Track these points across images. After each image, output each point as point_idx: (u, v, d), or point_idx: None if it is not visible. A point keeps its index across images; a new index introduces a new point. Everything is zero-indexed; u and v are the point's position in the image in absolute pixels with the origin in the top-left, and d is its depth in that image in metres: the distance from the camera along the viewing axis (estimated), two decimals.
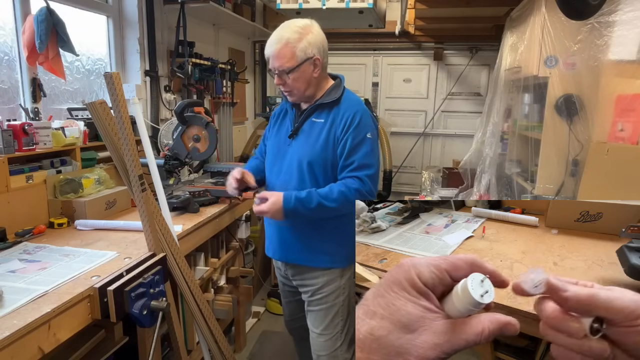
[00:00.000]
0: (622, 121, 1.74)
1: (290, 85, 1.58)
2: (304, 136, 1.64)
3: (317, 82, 1.62)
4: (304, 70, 1.55)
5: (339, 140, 1.58)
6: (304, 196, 1.52)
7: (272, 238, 1.79)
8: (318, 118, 1.63)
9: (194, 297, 1.75)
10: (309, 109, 1.64)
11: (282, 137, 1.71)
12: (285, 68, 1.53)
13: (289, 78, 1.55)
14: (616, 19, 1.72)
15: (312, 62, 1.55)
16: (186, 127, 2.29)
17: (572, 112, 1.94)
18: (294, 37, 1.51)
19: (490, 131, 2.81)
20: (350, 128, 1.56)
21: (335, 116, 1.60)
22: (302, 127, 1.65)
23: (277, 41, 1.53)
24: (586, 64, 1.86)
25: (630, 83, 1.73)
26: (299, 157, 1.62)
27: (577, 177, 1.92)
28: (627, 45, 1.73)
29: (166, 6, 2.63)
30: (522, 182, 2.33)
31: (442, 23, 3.54)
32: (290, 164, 1.65)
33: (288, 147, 1.68)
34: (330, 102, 1.61)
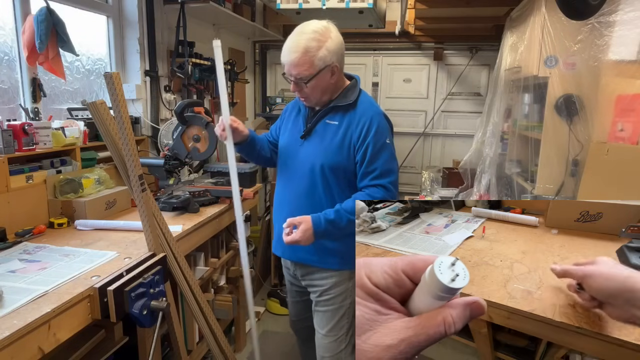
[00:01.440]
0: (622, 121, 1.74)
1: (307, 93, 1.55)
2: (317, 137, 1.61)
3: (334, 87, 1.59)
4: (322, 78, 1.52)
5: (356, 147, 1.55)
6: (334, 217, 1.50)
7: (281, 238, 1.75)
8: (332, 120, 1.60)
9: (194, 297, 1.75)
10: (323, 110, 1.61)
11: (294, 136, 1.68)
12: (303, 77, 1.50)
13: (306, 86, 1.52)
14: (616, 19, 1.72)
15: (330, 69, 1.52)
16: (186, 127, 2.29)
17: (572, 112, 1.94)
18: (312, 45, 1.46)
19: (490, 131, 2.81)
20: (369, 134, 1.52)
21: (351, 120, 1.56)
22: (315, 128, 1.62)
23: (294, 49, 1.47)
24: (586, 64, 1.86)
25: (630, 83, 1.73)
26: (311, 160, 1.60)
27: (577, 177, 1.92)
28: (628, 45, 1.73)
29: (166, 6, 2.63)
30: (522, 182, 2.33)
31: (442, 23, 3.54)
32: (302, 165, 1.63)
33: (300, 147, 1.65)
34: (346, 105, 1.58)
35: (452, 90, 3.92)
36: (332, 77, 1.54)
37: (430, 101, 3.99)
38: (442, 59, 3.89)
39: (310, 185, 1.61)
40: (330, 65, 1.51)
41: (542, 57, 2.04)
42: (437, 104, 3.97)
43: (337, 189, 1.60)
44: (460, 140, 3.96)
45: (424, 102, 4.01)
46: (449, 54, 3.89)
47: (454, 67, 3.90)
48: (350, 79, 1.67)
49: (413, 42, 3.87)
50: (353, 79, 1.66)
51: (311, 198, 1.62)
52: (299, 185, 1.64)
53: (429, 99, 4.00)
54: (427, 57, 3.92)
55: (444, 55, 3.89)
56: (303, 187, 1.63)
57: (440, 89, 3.95)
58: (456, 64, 3.89)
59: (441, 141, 4.05)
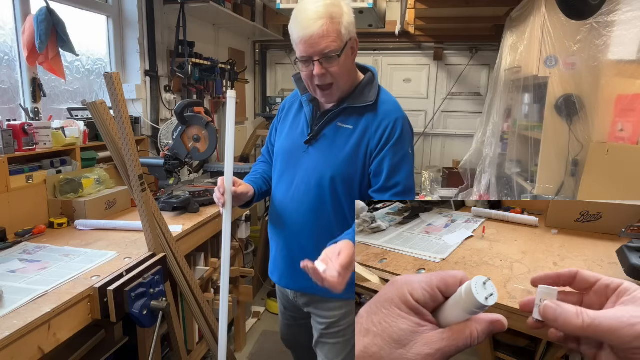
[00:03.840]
0: (622, 121, 1.75)
1: (335, 75, 1.23)
2: (326, 143, 1.33)
3: (353, 74, 1.31)
4: (348, 55, 1.23)
5: (374, 154, 1.28)
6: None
7: (279, 262, 1.48)
8: (345, 123, 1.31)
9: (194, 297, 1.75)
10: (335, 110, 1.32)
11: (296, 140, 1.39)
12: (332, 50, 1.18)
13: (336, 64, 1.20)
14: (615, 19, 1.72)
15: (352, 44, 1.24)
16: (186, 127, 2.29)
17: (572, 112, 1.94)
18: (335, 10, 1.17)
19: (490, 131, 2.81)
20: (391, 141, 1.27)
21: (369, 123, 1.29)
22: (323, 131, 1.33)
23: (316, 17, 1.16)
24: (586, 64, 1.87)
25: (630, 83, 1.74)
26: (319, 170, 1.32)
27: (577, 177, 1.92)
28: (627, 45, 1.73)
29: (166, 6, 2.63)
30: (522, 182, 2.33)
31: (442, 23, 3.54)
32: (307, 176, 1.34)
33: (303, 154, 1.36)
34: (364, 106, 1.30)
35: (452, 90, 3.92)
36: (353, 55, 1.28)
37: (430, 101, 4.00)
38: (442, 59, 3.89)
39: (317, 202, 1.33)
40: (353, 39, 1.24)
41: (542, 57, 2.04)
42: (437, 104, 3.97)
43: (349, 206, 1.33)
44: (460, 140, 3.96)
45: (424, 102, 4.01)
46: (449, 54, 3.89)
47: (454, 67, 3.90)
48: (364, 71, 1.38)
49: (413, 42, 3.88)
50: (368, 72, 1.37)
51: (318, 217, 1.35)
52: (302, 201, 1.36)
53: (429, 99, 4.00)
54: (427, 57, 3.93)
55: (444, 55, 3.89)
56: (308, 204, 1.35)
57: (440, 89, 3.96)
58: (456, 64, 3.89)
59: (441, 141, 4.05)
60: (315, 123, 1.37)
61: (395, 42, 3.88)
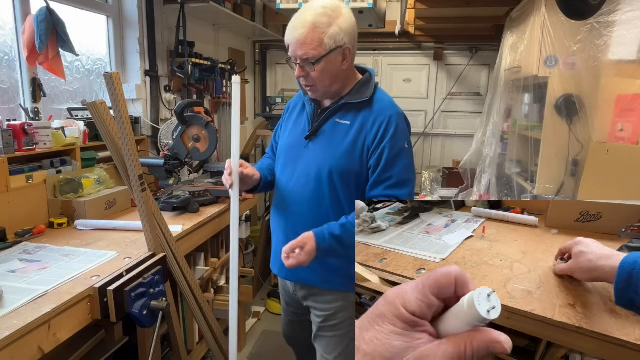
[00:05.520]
0: (622, 121, 1.75)
1: (314, 79, 1.34)
2: (324, 139, 1.42)
3: (345, 76, 1.39)
4: (332, 61, 1.31)
5: (371, 150, 1.36)
6: (340, 233, 1.31)
7: (279, 254, 1.48)
8: (343, 119, 1.40)
9: (194, 297, 1.75)
10: (333, 107, 1.42)
11: (298, 136, 1.48)
12: (310, 57, 1.29)
13: (313, 69, 1.31)
14: (616, 19, 1.72)
15: (341, 51, 1.32)
16: (186, 127, 2.29)
17: (572, 112, 1.94)
18: (322, 20, 1.27)
19: (490, 131, 2.81)
20: (387, 136, 1.34)
21: (365, 119, 1.37)
22: (322, 127, 1.43)
23: (301, 24, 1.28)
24: (586, 64, 1.86)
25: (630, 83, 1.74)
26: (318, 164, 1.40)
27: (577, 177, 1.92)
28: (627, 45, 1.73)
29: (166, 6, 2.63)
30: (522, 182, 2.33)
31: (442, 23, 3.54)
32: (307, 170, 1.43)
33: (304, 149, 1.45)
34: (360, 102, 1.39)
35: (452, 90, 3.92)
36: (344, 62, 1.35)
37: (430, 101, 3.99)
38: (442, 59, 3.89)
39: (315, 194, 1.41)
40: (342, 47, 1.31)
41: (542, 57, 2.04)
42: (437, 104, 3.97)
43: (346, 198, 1.40)
44: (460, 140, 3.96)
45: (424, 102, 4.01)
46: (449, 54, 3.89)
47: (454, 67, 3.90)
48: (363, 72, 1.47)
49: (413, 42, 3.87)
50: (367, 73, 1.46)
51: (316, 208, 1.43)
52: (302, 194, 1.44)
53: (429, 99, 4.00)
54: (427, 57, 3.92)
55: (444, 55, 3.89)
56: (307, 196, 1.43)
57: (440, 89, 3.95)
58: (456, 64, 3.89)
59: (441, 141, 4.05)
60: (315, 119, 1.46)
61: (395, 42, 3.87)
